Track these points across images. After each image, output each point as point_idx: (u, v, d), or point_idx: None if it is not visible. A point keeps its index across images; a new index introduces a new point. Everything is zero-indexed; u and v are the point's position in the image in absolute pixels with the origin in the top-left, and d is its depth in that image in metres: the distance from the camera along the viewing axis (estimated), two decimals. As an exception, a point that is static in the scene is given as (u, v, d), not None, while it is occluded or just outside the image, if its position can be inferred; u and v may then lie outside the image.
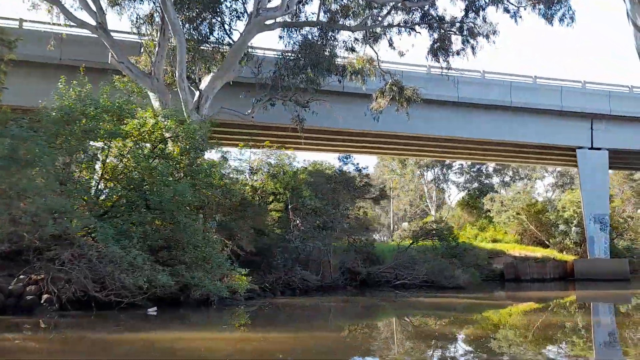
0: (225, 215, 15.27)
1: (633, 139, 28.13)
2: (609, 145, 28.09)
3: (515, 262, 26.53)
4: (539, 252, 29.14)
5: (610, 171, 46.75)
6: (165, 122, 13.53)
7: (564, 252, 32.48)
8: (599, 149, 27.89)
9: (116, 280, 11.17)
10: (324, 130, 25.11)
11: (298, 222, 17.04)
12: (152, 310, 11.57)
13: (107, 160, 13.51)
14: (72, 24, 19.00)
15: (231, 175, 17.04)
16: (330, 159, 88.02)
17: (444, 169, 45.69)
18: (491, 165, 44.78)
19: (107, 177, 13.36)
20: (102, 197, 13.20)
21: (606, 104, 27.59)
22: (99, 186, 13.39)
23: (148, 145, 13.87)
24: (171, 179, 13.18)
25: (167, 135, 13.70)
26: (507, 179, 45.09)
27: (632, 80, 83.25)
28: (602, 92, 27.94)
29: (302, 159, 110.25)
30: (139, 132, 13.39)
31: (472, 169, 44.94)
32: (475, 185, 44.83)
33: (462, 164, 45.13)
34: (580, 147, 27.97)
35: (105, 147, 13.12)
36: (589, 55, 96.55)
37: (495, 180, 45.54)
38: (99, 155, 12.97)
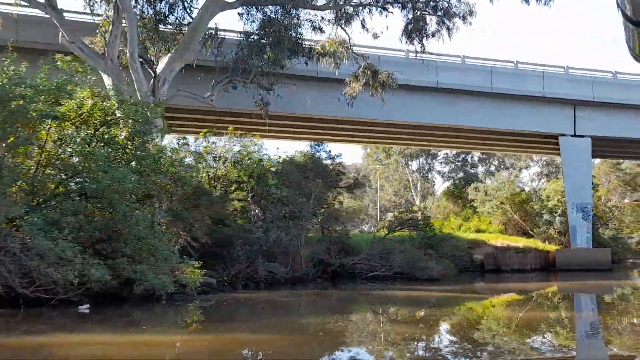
0: (180, 204, 14.28)
1: (617, 126, 27.37)
2: (592, 132, 27.31)
3: (496, 253, 25.77)
4: (521, 242, 28.41)
5: (597, 160, 46.32)
6: (106, 104, 12.47)
7: (548, 242, 31.85)
8: (582, 136, 27.09)
9: (43, 275, 10.22)
10: (295, 117, 24.14)
11: (257, 211, 16.11)
12: (83, 308, 10.64)
13: (46, 147, 12.49)
14: (23, 2, 17.89)
15: (188, 162, 16.02)
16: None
17: (429, 159, 44.87)
18: (476, 155, 44.01)
19: (44, 164, 12.32)
20: (38, 185, 12.14)
21: (590, 90, 26.77)
22: (36, 173, 12.34)
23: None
24: (113, 165, 12.19)
25: (108, 118, 12.65)
26: (492, 168, 44.34)
27: (615, 66, 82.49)
28: (585, 77, 27.12)
29: (284, 148, 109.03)
30: (78, 115, 12.34)
31: (457, 159, 44.15)
32: (461, 174, 44.06)
33: (447, 154, 44.34)
34: (563, 135, 27.16)
35: (41, 130, 12.07)
36: (568, 36, 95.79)
37: (481, 169, 44.80)
38: (33, 140, 11.90)
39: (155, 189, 13.23)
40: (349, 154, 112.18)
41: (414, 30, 19.70)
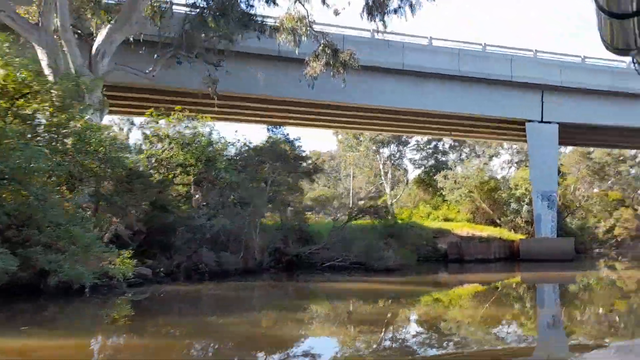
0: (113, 187, 13.06)
1: (584, 112, 26.82)
2: (560, 119, 26.71)
3: (460, 242, 25.10)
4: (487, 232, 27.82)
5: (568, 149, 46.22)
6: (21, 75, 11.16)
7: (515, 232, 31.40)
8: (549, 122, 26.49)
9: None
10: (253, 98, 22.96)
11: (199, 196, 14.94)
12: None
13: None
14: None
15: (123, 142, 14.75)
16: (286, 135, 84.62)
17: (400, 146, 44.06)
18: (447, 142, 43.38)
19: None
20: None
21: (558, 75, 26.12)
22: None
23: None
24: (30, 143, 10.93)
25: (25, 90, 11.33)
26: (463, 156, 43.78)
27: (580, 42, 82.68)
28: (553, 62, 26.47)
29: (245, 132, 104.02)
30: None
31: (428, 146, 43.45)
32: (432, 162, 43.40)
33: (418, 141, 43.58)
34: (530, 121, 26.52)
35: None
36: (533, 11, 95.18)
37: (452, 157, 44.19)
38: None
39: (81, 171, 11.99)
40: (324, 142, 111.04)
41: (375, 6, 18.64)
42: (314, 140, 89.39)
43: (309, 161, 22.78)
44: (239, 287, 15.11)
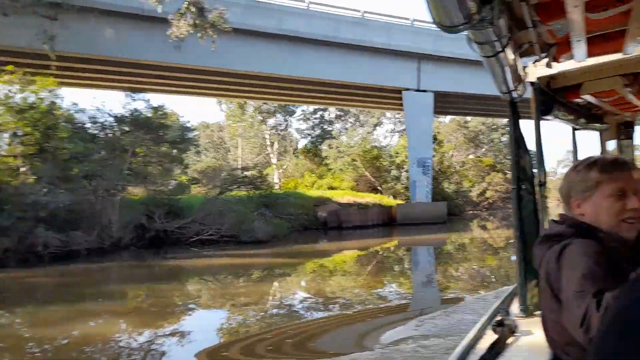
0: None
1: (458, 81, 27.65)
2: (435, 87, 27.37)
3: (339, 210, 25.07)
4: (367, 199, 28.12)
5: (448, 118, 48.45)
6: None
7: (395, 198, 32.24)
8: (424, 91, 27.03)
9: None
10: (114, 61, 20.71)
11: (25, 169, 12.98)
12: None
13: None
14: None
15: None
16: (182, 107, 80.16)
17: (287, 116, 43.35)
18: (333, 112, 43.40)
19: None
20: None
21: (432, 44, 26.56)
22: None
23: None
24: None
25: None
26: (348, 125, 44.10)
27: None
28: (429, 31, 26.81)
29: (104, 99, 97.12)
30: None
31: (314, 116, 43.17)
32: (318, 132, 43.25)
33: (304, 110, 43.13)
34: (407, 89, 26.89)
35: None
36: None
37: (338, 126, 44.36)
38: None
39: None
40: (212, 112, 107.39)
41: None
42: (202, 111, 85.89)
43: (191, 133, 21.06)
44: (87, 271, 13.50)
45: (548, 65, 2.42)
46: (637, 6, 1.75)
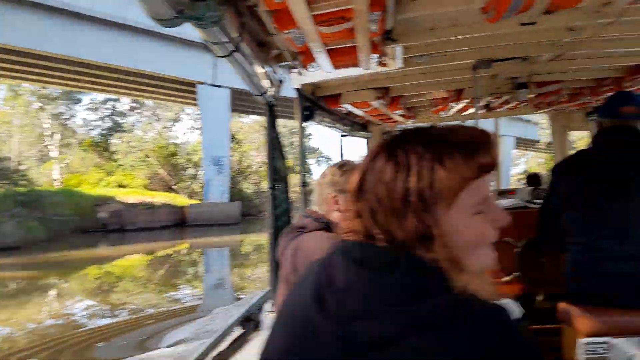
0: None
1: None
2: (232, 83, 26.63)
3: (123, 210, 22.70)
4: (159, 198, 26.14)
5: (251, 118, 48.38)
6: None
7: (191, 197, 30.79)
8: (220, 86, 26.12)
9: None
10: None
11: None
12: None
13: None
14: None
15: None
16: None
17: (71, 104, 38.45)
18: (127, 103, 39.88)
19: None
20: None
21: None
22: None
23: None
24: None
25: None
26: (144, 119, 40.96)
27: None
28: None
29: None
30: None
31: (104, 106, 39.11)
32: (109, 124, 39.28)
33: (93, 99, 38.78)
34: (202, 83, 25.66)
35: None
36: None
37: (132, 119, 40.87)
38: None
39: None
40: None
41: None
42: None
43: None
44: None
45: (300, 72, 2.47)
46: (359, 24, 1.76)
